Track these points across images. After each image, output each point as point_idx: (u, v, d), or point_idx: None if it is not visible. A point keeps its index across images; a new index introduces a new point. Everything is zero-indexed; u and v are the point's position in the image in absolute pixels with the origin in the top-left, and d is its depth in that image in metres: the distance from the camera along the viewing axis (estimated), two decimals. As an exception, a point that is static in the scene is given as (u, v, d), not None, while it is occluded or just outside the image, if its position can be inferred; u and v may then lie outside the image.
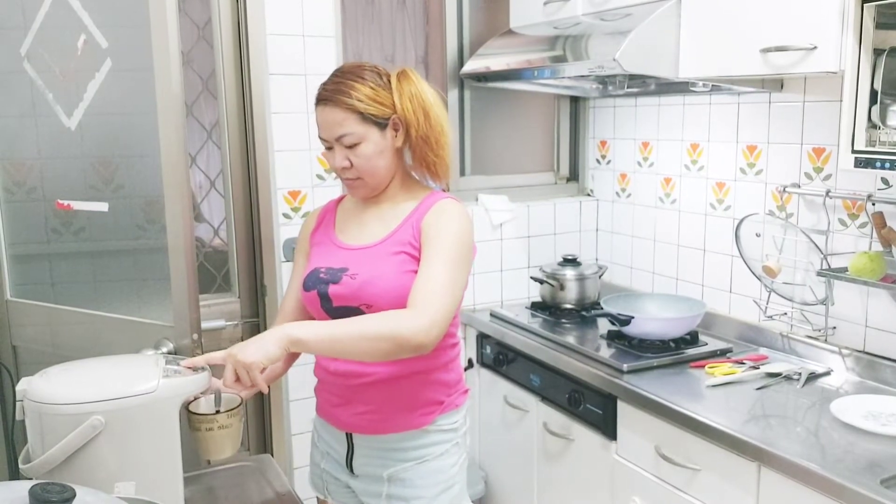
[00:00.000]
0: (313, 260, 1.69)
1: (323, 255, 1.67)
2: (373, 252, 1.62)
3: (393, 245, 1.60)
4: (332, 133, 1.57)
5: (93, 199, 1.92)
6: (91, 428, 1.33)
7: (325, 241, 1.70)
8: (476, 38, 2.91)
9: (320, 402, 1.76)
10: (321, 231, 1.73)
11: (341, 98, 1.55)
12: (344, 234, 1.69)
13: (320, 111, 1.58)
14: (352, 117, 1.55)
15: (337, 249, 1.67)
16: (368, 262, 1.60)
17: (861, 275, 1.98)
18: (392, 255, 1.59)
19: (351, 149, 1.57)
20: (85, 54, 1.83)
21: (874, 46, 1.70)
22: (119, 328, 1.89)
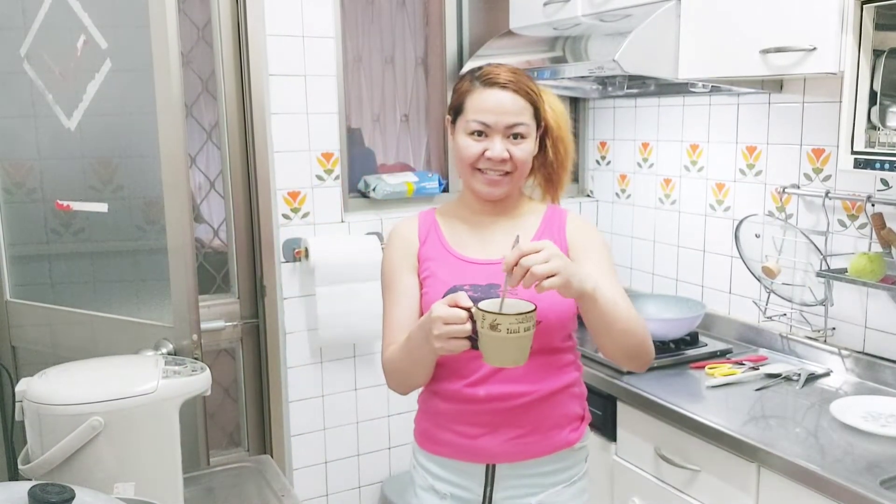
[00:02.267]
0: (442, 277, 1.52)
1: (452, 273, 1.53)
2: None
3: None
4: (506, 120, 1.47)
5: (92, 199, 1.92)
6: (90, 429, 1.34)
7: (444, 256, 1.56)
8: (476, 38, 2.91)
9: (447, 438, 1.55)
10: (430, 245, 1.58)
11: (526, 87, 1.49)
12: (464, 248, 1.56)
13: (495, 94, 1.48)
14: (530, 110, 1.50)
15: (467, 265, 1.54)
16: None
17: (860, 276, 1.98)
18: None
19: (515, 141, 1.49)
20: (85, 55, 1.83)
21: (874, 47, 1.70)
22: (118, 329, 1.89)
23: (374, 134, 2.89)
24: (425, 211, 1.66)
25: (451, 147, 1.57)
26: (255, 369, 2.60)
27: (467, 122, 1.50)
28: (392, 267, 1.58)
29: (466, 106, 1.51)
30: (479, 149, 1.49)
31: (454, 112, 1.55)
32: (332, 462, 2.71)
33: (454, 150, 1.56)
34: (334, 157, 2.58)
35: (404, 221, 1.64)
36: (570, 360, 1.57)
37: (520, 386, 1.49)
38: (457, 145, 1.54)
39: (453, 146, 1.56)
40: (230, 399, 2.64)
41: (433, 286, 1.52)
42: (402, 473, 2.83)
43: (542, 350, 1.48)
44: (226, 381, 2.62)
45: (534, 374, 1.49)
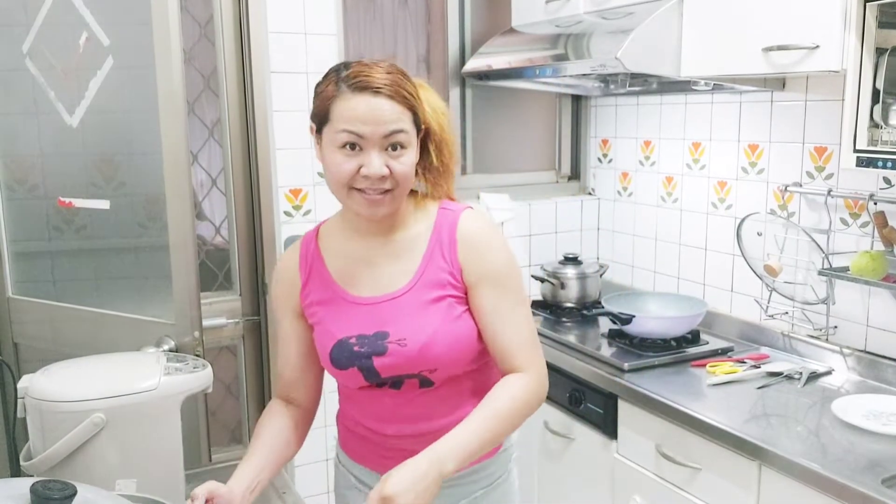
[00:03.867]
0: (328, 326, 1.40)
1: (339, 319, 1.39)
2: (405, 303, 1.37)
3: (427, 288, 1.37)
4: (383, 129, 1.27)
5: (94, 196, 1.92)
6: (92, 425, 1.34)
7: (330, 297, 1.41)
8: (478, 36, 2.90)
9: (365, 453, 1.50)
10: (314, 285, 1.42)
11: (402, 92, 1.29)
12: (351, 284, 1.41)
13: (368, 100, 1.26)
14: (409, 115, 1.30)
15: (353, 307, 1.39)
16: (407, 318, 1.36)
17: (862, 274, 1.98)
18: (432, 303, 1.36)
19: (395, 154, 1.29)
20: (87, 52, 1.83)
21: (876, 45, 1.70)
22: (120, 326, 1.89)
23: (376, 131, 2.89)
24: (309, 234, 1.48)
25: (319, 161, 1.36)
26: (257, 366, 2.60)
27: (336, 134, 1.28)
28: (275, 306, 1.50)
29: (333, 114, 1.28)
30: (352, 166, 1.28)
31: (318, 120, 1.33)
32: (334, 459, 2.71)
33: (324, 167, 1.34)
34: (336, 154, 2.57)
35: (288, 252, 1.49)
36: (481, 379, 1.44)
37: (430, 423, 1.39)
38: (325, 161, 1.32)
39: (321, 161, 1.34)
40: (232, 396, 2.64)
41: (319, 336, 1.41)
42: (403, 471, 2.83)
43: (448, 383, 1.40)
44: (227, 378, 2.62)
45: (443, 406, 1.40)
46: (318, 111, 1.32)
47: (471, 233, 1.38)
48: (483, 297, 1.37)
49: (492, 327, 1.37)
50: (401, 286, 1.38)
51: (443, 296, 1.36)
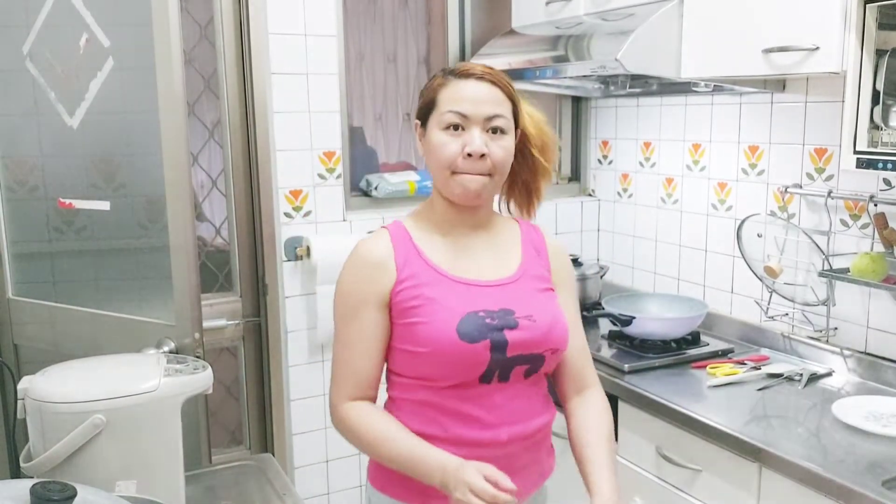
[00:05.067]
0: (447, 304, 1.34)
1: (458, 297, 1.36)
2: (519, 287, 1.42)
3: (533, 280, 1.44)
4: (485, 110, 1.35)
5: (95, 197, 1.92)
6: (92, 426, 1.34)
7: (438, 280, 1.37)
8: (478, 37, 2.90)
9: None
10: (414, 269, 1.37)
11: (504, 82, 1.39)
12: (459, 269, 1.40)
13: (474, 85, 1.36)
14: (508, 105, 1.38)
15: (468, 288, 1.38)
16: (528, 299, 1.41)
17: (863, 276, 1.98)
18: (541, 292, 1.44)
19: (495, 136, 1.36)
20: (87, 53, 1.83)
21: (876, 47, 1.70)
22: (121, 327, 1.89)
23: (377, 133, 2.89)
24: (393, 226, 1.45)
25: (423, 151, 1.42)
26: (257, 368, 2.61)
27: (441, 117, 1.35)
28: (354, 296, 1.38)
29: (440, 100, 1.37)
30: (457, 146, 1.34)
31: (424, 111, 1.40)
32: (334, 461, 2.71)
33: (427, 153, 1.39)
34: (336, 155, 2.58)
35: (372, 241, 1.41)
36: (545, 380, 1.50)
37: (538, 419, 1.43)
38: (430, 146, 1.38)
39: (425, 149, 1.41)
40: (232, 397, 2.64)
41: (437, 313, 1.33)
42: (403, 472, 2.83)
43: (543, 377, 1.46)
44: (227, 379, 2.62)
45: (539, 402, 1.44)
46: (425, 103, 1.41)
47: (555, 241, 1.54)
48: (564, 303, 1.47)
49: (570, 331, 1.45)
50: (509, 274, 1.43)
51: (545, 287, 1.45)
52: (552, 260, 1.49)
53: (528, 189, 1.52)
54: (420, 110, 1.42)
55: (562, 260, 1.52)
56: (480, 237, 1.45)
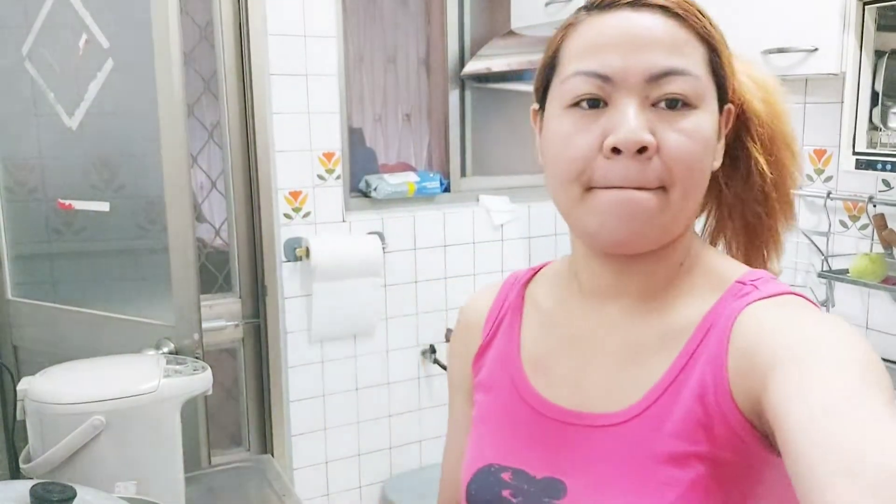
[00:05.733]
0: (479, 436, 0.83)
1: (500, 429, 0.81)
2: (621, 440, 0.71)
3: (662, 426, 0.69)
4: (647, 60, 0.69)
5: (94, 198, 1.92)
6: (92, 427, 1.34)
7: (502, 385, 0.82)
8: (477, 38, 2.91)
9: None
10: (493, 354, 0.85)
11: (691, 8, 0.72)
12: (544, 373, 0.80)
13: (622, 17, 0.71)
14: (699, 53, 0.71)
15: (531, 416, 0.79)
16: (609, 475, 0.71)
17: (862, 277, 1.98)
18: (661, 465, 0.68)
19: (670, 112, 0.69)
20: (86, 54, 1.83)
21: (875, 48, 1.70)
22: (120, 328, 1.89)
23: (376, 133, 2.89)
24: (520, 276, 0.89)
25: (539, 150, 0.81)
26: (257, 369, 2.61)
27: (563, 86, 0.73)
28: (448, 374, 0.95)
29: (563, 56, 0.75)
30: (588, 139, 0.70)
31: (544, 82, 0.78)
32: (333, 462, 2.71)
33: (544, 159, 0.79)
34: (336, 156, 2.58)
35: (480, 293, 0.90)
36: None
37: None
38: (546, 145, 0.78)
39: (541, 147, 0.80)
40: (231, 399, 2.64)
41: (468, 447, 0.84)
42: (403, 474, 2.83)
43: None
44: (227, 380, 2.62)
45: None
46: (543, 69, 0.79)
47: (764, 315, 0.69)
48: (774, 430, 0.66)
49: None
50: (629, 404, 0.73)
51: (683, 451, 0.68)
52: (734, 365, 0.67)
53: (745, 221, 0.85)
54: (538, 81, 0.80)
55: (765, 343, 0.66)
56: (634, 321, 0.76)
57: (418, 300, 2.78)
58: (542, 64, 0.79)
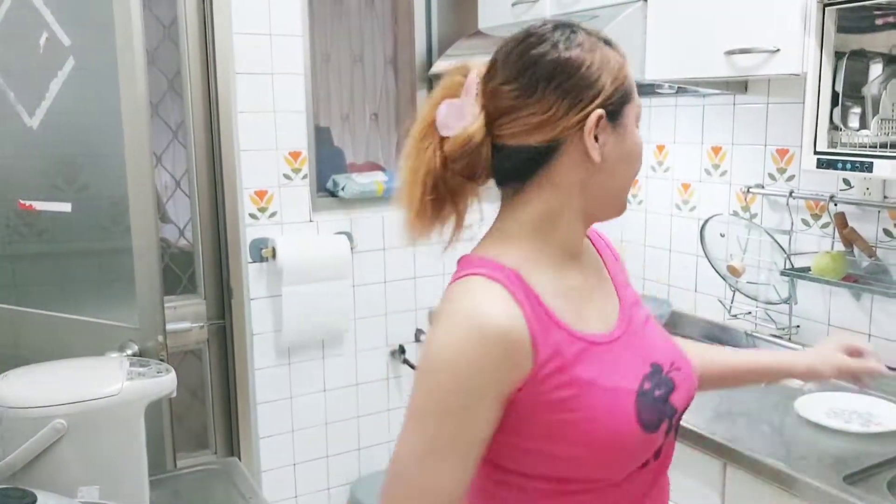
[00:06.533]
0: (612, 382, 0.96)
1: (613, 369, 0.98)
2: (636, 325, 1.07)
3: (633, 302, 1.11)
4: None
5: (56, 199, 1.89)
6: (53, 431, 1.32)
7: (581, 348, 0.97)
8: (444, 38, 2.91)
9: None
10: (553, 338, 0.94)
11: None
12: (584, 324, 0.99)
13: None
14: None
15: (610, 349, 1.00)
16: (654, 340, 1.09)
17: (823, 274, 2.02)
18: (650, 317, 1.13)
19: None
20: (47, 52, 1.80)
21: (835, 49, 1.73)
22: (83, 330, 1.86)
23: (344, 133, 2.88)
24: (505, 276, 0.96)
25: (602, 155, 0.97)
26: (223, 371, 2.58)
27: (634, 105, 1.01)
28: (469, 385, 0.91)
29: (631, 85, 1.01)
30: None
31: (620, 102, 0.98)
32: (301, 464, 2.70)
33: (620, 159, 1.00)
34: (302, 155, 2.56)
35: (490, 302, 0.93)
36: None
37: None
38: (628, 148, 1.00)
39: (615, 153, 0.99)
40: (197, 401, 2.62)
41: (603, 402, 0.95)
42: (371, 475, 2.82)
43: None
44: (193, 382, 2.60)
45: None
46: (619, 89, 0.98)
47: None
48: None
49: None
50: (618, 309, 1.07)
51: (640, 299, 1.14)
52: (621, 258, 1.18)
53: None
54: (614, 100, 0.97)
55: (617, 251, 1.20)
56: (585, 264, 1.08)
57: (387, 300, 2.78)
58: (619, 85, 0.98)
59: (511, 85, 0.97)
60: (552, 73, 0.96)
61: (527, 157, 0.98)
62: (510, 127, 0.97)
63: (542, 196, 1.00)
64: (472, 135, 0.97)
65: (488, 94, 0.98)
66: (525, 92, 0.96)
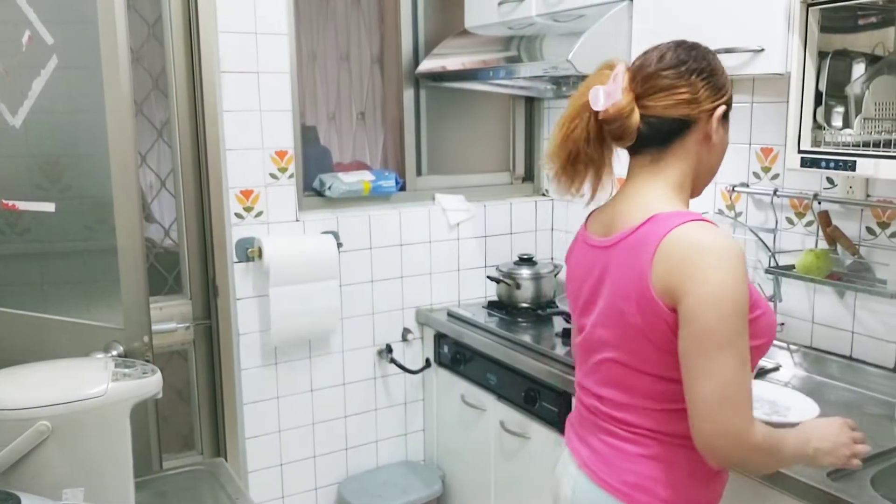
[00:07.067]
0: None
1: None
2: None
3: None
4: None
5: (39, 199, 1.88)
6: (37, 433, 1.31)
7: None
8: (431, 37, 2.91)
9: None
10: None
11: None
12: None
13: None
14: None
15: None
16: None
17: (808, 272, 2.03)
18: None
19: None
20: (30, 51, 1.79)
21: (819, 49, 1.74)
22: (67, 331, 1.85)
23: (330, 132, 2.88)
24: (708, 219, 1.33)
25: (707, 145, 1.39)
26: (209, 371, 2.57)
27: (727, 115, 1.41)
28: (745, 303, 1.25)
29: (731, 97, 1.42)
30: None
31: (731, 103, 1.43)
32: (288, 464, 2.69)
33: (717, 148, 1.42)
34: (288, 154, 2.56)
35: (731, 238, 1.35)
36: None
37: None
38: (722, 142, 1.43)
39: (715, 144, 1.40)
40: (183, 402, 2.60)
41: (768, 310, 1.36)
42: (358, 474, 2.82)
43: None
44: (178, 383, 2.58)
45: None
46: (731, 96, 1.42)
47: None
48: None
49: None
50: None
51: None
52: None
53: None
54: (728, 101, 1.40)
55: None
56: None
57: (374, 300, 2.78)
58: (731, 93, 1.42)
59: (671, 70, 1.33)
60: (705, 68, 1.35)
61: (668, 128, 1.35)
62: (664, 100, 1.33)
63: (678, 163, 1.37)
64: (624, 106, 1.31)
65: (643, 77, 1.34)
66: (682, 77, 1.33)
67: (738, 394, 1.21)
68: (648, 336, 1.29)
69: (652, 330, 1.28)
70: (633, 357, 1.33)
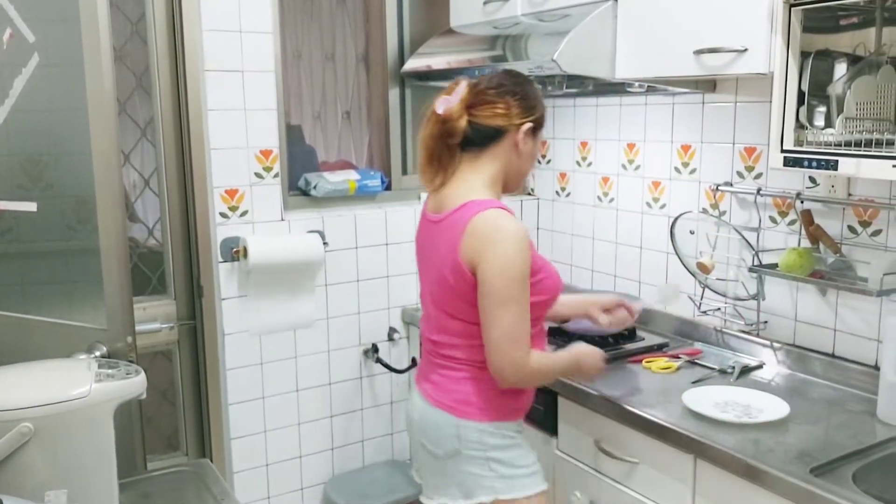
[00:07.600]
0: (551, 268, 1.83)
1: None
2: None
3: None
4: None
5: (21, 198, 1.86)
6: (19, 435, 1.30)
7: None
8: (416, 36, 2.91)
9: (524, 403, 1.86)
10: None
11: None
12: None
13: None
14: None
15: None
16: None
17: (790, 271, 2.04)
18: None
19: None
20: (11, 48, 1.77)
21: (802, 49, 1.75)
22: (50, 332, 1.83)
23: (315, 131, 2.87)
24: (508, 209, 1.71)
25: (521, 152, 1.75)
26: (194, 372, 2.56)
27: (541, 135, 1.80)
28: (529, 264, 1.67)
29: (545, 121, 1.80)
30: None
31: (538, 124, 1.77)
32: (274, 464, 2.68)
33: (529, 156, 1.78)
34: (273, 154, 2.55)
35: (521, 225, 1.70)
36: None
37: None
38: (532, 152, 1.79)
39: (528, 152, 1.76)
40: (168, 402, 2.59)
41: (552, 274, 1.79)
42: (344, 473, 2.82)
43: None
44: (163, 384, 2.57)
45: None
46: (541, 117, 1.78)
47: None
48: None
49: None
50: None
51: None
52: None
53: None
54: (536, 120, 1.76)
55: None
56: None
57: (360, 299, 2.77)
58: (542, 114, 1.79)
59: (493, 90, 1.73)
60: (518, 92, 1.74)
61: (487, 134, 1.73)
62: (484, 111, 1.72)
63: (492, 162, 1.74)
64: (455, 111, 1.71)
65: (475, 93, 1.73)
66: (501, 96, 1.72)
67: (518, 335, 1.65)
68: (458, 293, 1.68)
69: (461, 288, 1.67)
70: (450, 308, 1.72)
